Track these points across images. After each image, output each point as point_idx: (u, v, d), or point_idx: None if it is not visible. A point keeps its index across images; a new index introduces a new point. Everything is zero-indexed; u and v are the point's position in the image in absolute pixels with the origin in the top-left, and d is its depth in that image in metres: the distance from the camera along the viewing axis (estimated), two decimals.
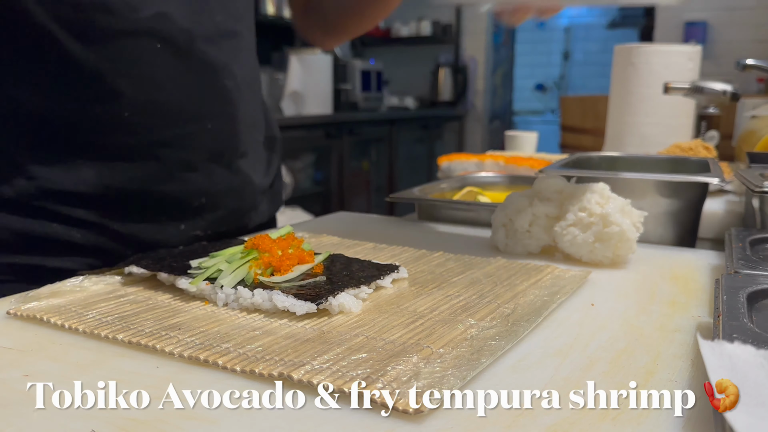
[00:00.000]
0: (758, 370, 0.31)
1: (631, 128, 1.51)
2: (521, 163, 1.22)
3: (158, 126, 0.65)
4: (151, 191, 0.66)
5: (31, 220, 0.62)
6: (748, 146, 1.26)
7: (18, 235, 0.62)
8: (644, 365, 0.38)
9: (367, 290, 0.49)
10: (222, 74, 0.69)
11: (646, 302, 0.50)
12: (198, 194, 0.70)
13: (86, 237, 0.64)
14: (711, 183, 0.70)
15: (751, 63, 1.25)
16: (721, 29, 3.63)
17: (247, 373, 0.36)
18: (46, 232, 0.63)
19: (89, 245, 0.65)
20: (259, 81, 0.81)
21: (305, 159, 3.50)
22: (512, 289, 0.51)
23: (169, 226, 0.69)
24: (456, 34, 4.65)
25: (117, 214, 0.65)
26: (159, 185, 0.67)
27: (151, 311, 0.46)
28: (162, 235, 0.68)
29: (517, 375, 0.37)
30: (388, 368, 0.35)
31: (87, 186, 0.63)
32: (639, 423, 0.31)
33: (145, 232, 0.67)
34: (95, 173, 0.63)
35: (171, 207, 0.69)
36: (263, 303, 0.46)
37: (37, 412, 0.32)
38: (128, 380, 0.36)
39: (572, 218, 0.61)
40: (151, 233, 0.67)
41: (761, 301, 0.44)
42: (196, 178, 0.69)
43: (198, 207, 0.70)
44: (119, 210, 0.65)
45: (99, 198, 0.64)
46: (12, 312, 0.46)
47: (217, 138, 0.71)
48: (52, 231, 0.63)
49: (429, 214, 0.86)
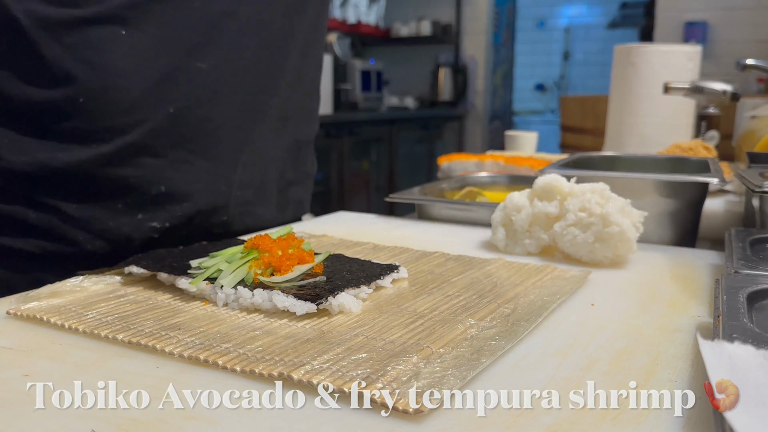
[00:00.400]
0: (758, 370, 0.31)
1: (631, 128, 1.51)
2: (521, 163, 1.22)
3: (114, 112, 0.64)
4: (105, 175, 0.65)
5: None
6: (748, 146, 1.25)
7: None
8: (644, 365, 0.38)
9: (367, 290, 0.49)
10: (195, 55, 0.67)
11: (646, 302, 0.50)
12: (156, 182, 0.67)
13: (40, 218, 0.65)
14: (711, 183, 0.70)
15: (751, 63, 1.25)
16: (721, 29, 3.63)
17: (247, 373, 0.36)
18: (3, 211, 0.64)
19: (43, 226, 0.65)
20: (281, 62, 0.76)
21: None
22: (512, 289, 0.51)
23: (124, 214, 0.67)
24: (456, 34, 4.65)
25: (70, 197, 0.65)
26: (113, 169, 0.65)
27: (151, 311, 0.46)
28: (114, 222, 0.66)
29: (517, 375, 0.37)
30: (388, 368, 0.35)
31: (42, 168, 0.63)
32: (639, 423, 0.31)
33: (98, 218, 0.66)
34: (49, 156, 0.63)
35: (126, 193, 0.67)
36: (263, 303, 0.46)
37: (37, 412, 0.32)
38: (128, 380, 0.36)
39: (572, 218, 0.61)
40: (103, 219, 0.66)
41: (761, 301, 0.44)
42: (155, 164, 0.67)
43: (157, 196, 0.68)
44: (73, 193, 0.65)
45: (52, 179, 0.64)
46: (12, 312, 0.46)
47: (183, 122, 0.68)
48: (9, 210, 0.64)
49: (429, 214, 0.86)
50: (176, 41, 0.66)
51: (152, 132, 0.66)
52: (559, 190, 0.64)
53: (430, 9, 4.71)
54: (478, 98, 4.72)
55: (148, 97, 0.66)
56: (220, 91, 0.70)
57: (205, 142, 0.70)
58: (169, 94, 0.67)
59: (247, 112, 0.74)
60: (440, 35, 4.61)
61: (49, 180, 0.64)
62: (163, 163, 0.67)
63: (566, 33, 5.82)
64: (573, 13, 5.80)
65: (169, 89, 0.67)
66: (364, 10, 4.54)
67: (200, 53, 0.68)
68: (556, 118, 4.99)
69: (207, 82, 0.69)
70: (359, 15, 4.48)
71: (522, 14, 5.59)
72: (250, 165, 0.76)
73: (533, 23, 5.83)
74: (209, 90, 0.69)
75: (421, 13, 4.69)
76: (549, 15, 5.83)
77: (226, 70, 0.70)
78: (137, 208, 0.67)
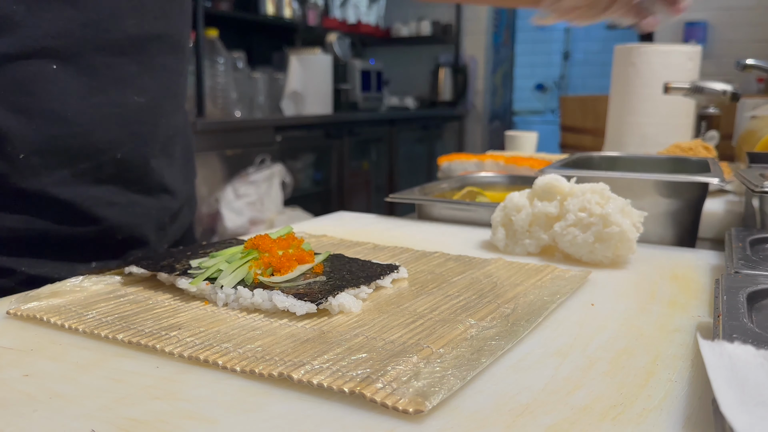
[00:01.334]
0: (758, 370, 0.31)
1: (631, 128, 1.51)
2: (521, 163, 1.22)
3: (58, 163, 0.59)
4: (60, 233, 0.61)
5: None
6: (748, 146, 1.25)
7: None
8: (644, 365, 0.38)
9: (367, 290, 0.49)
10: (131, 90, 0.63)
11: (646, 302, 0.50)
12: (118, 230, 0.64)
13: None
14: (711, 183, 0.70)
15: (751, 63, 1.25)
16: (721, 29, 3.63)
17: (247, 373, 0.36)
18: None
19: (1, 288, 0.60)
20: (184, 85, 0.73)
21: (305, 159, 3.50)
22: (512, 289, 0.51)
23: (81, 265, 0.64)
24: (456, 34, 4.65)
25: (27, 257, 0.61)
26: (68, 228, 0.61)
27: (151, 311, 0.46)
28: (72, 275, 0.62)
29: (517, 375, 0.37)
30: (388, 368, 0.35)
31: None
32: (639, 423, 0.31)
33: (56, 272, 0.62)
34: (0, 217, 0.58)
35: (84, 248, 0.63)
36: (263, 303, 0.46)
37: (37, 412, 0.32)
38: (128, 380, 0.36)
39: (572, 218, 0.61)
40: (63, 273, 0.62)
41: (761, 301, 0.44)
42: (111, 215, 0.64)
43: (119, 242, 0.65)
44: (28, 252, 0.61)
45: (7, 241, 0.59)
46: (12, 312, 0.46)
47: (130, 166, 0.64)
48: None
49: (429, 214, 0.86)
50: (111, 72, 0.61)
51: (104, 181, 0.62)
52: (559, 190, 0.64)
53: (430, 9, 4.71)
54: (478, 98, 4.72)
55: (94, 143, 0.61)
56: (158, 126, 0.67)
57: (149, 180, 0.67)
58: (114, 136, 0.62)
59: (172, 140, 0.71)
60: (440, 35, 4.61)
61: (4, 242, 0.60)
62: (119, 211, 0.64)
63: (566, 33, 5.82)
64: None
65: (112, 131, 0.62)
66: (364, 10, 4.54)
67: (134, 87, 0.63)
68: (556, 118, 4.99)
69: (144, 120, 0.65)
70: (359, 15, 4.48)
71: (522, 14, 5.59)
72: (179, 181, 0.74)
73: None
74: (146, 126, 0.65)
75: (421, 13, 4.69)
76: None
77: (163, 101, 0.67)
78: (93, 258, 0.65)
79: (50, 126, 0.58)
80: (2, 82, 0.55)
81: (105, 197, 0.63)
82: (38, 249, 0.61)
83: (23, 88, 0.56)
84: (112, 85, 0.61)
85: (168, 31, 0.66)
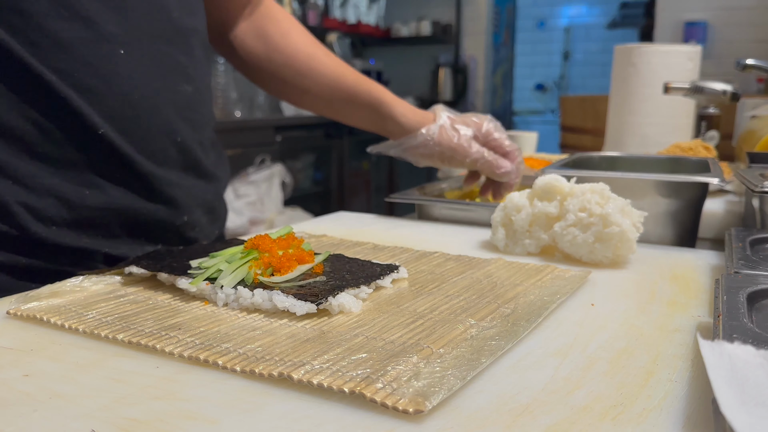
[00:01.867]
0: (758, 370, 0.31)
1: (631, 128, 1.51)
2: None
3: (131, 143, 0.62)
4: (135, 211, 0.63)
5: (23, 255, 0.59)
6: (748, 146, 1.25)
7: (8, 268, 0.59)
8: (644, 365, 0.38)
9: (367, 290, 0.49)
10: (182, 78, 0.66)
11: (646, 302, 0.50)
12: (181, 212, 0.67)
13: (76, 264, 0.61)
14: (711, 183, 0.70)
15: (751, 63, 1.25)
16: (721, 29, 3.63)
17: (247, 373, 0.36)
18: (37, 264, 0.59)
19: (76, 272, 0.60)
20: (210, 79, 0.77)
21: (305, 159, 3.50)
22: (512, 289, 0.51)
23: (149, 246, 0.66)
24: (456, 34, 4.65)
25: (103, 238, 0.62)
26: (142, 204, 0.64)
27: (151, 311, 0.46)
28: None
29: (517, 375, 0.37)
30: (388, 368, 0.35)
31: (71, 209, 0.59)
32: (639, 423, 0.31)
33: (133, 253, 0.64)
34: (76, 194, 0.60)
35: (153, 227, 0.66)
36: (263, 303, 0.46)
37: (37, 412, 0.32)
38: (128, 380, 0.36)
39: (572, 218, 0.61)
40: (138, 252, 0.64)
41: (761, 301, 0.44)
42: (178, 195, 0.67)
43: (180, 226, 0.68)
44: (104, 233, 0.62)
45: (85, 221, 0.61)
46: (12, 312, 0.46)
47: (187, 150, 0.68)
48: (38, 264, 0.59)
49: (429, 214, 0.86)
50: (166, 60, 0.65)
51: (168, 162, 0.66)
52: (559, 190, 0.64)
53: (430, 9, 4.71)
54: (478, 98, 4.72)
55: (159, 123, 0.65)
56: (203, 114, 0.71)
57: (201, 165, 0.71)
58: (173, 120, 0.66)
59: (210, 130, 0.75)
60: (440, 35, 4.61)
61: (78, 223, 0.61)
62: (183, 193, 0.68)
63: (566, 33, 5.82)
64: (573, 13, 5.81)
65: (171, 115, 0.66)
66: (364, 10, 4.54)
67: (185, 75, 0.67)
68: (556, 118, 4.99)
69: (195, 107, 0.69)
70: (359, 15, 4.48)
71: (522, 14, 5.60)
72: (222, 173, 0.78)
73: (533, 23, 5.84)
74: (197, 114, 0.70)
75: (421, 13, 4.69)
76: (549, 15, 5.84)
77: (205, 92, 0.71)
78: (159, 239, 0.67)
79: (119, 107, 0.61)
80: (74, 64, 0.58)
81: (172, 179, 0.67)
82: (114, 229, 0.64)
83: (94, 70, 0.59)
84: (168, 72, 0.65)
85: (199, 26, 0.71)
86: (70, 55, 0.57)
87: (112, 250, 0.63)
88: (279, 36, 0.85)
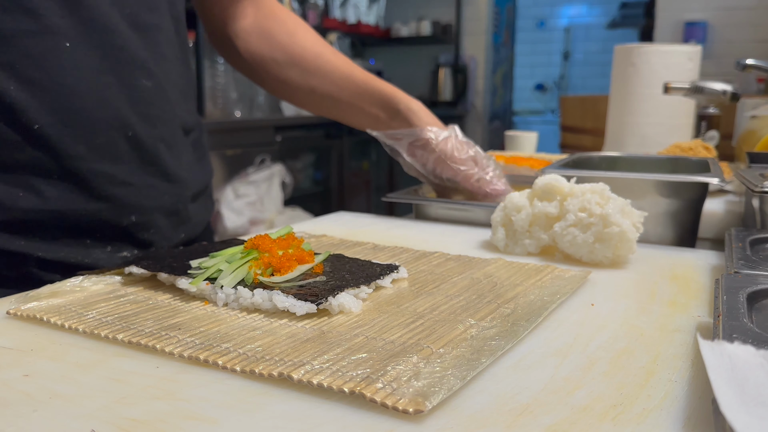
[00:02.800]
0: (758, 370, 0.31)
1: (631, 128, 1.51)
2: (521, 163, 1.22)
3: (74, 137, 0.60)
4: (74, 212, 0.61)
5: None
6: (748, 146, 1.26)
7: None
8: (644, 365, 0.38)
9: (367, 290, 0.49)
10: (139, 73, 0.65)
11: (646, 302, 0.50)
12: (128, 212, 0.65)
13: (10, 268, 0.60)
14: (711, 183, 0.70)
15: (751, 63, 1.25)
16: (721, 29, 3.63)
17: (247, 373, 0.36)
18: None
19: (13, 276, 0.60)
20: (192, 79, 0.76)
21: (305, 159, 3.50)
22: (512, 289, 0.51)
23: (95, 248, 0.64)
24: (456, 34, 4.65)
25: (40, 240, 0.61)
26: (81, 205, 0.62)
27: (151, 311, 0.46)
28: (90, 259, 0.64)
29: (517, 375, 0.37)
30: (388, 368, 0.35)
31: (3, 212, 0.58)
32: (639, 423, 0.31)
33: (72, 256, 0.62)
34: (8, 196, 0.58)
35: (97, 228, 0.64)
36: (263, 303, 0.46)
37: (37, 412, 0.32)
38: (128, 380, 0.36)
39: (572, 218, 0.61)
40: (78, 257, 0.63)
41: (761, 301, 0.44)
42: (125, 194, 0.64)
43: (128, 226, 0.66)
44: (42, 235, 0.61)
45: (18, 224, 0.59)
46: (12, 312, 0.46)
47: (142, 146, 0.66)
48: None
49: (426, 214, 0.86)
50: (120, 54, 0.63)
51: (115, 159, 0.64)
52: (559, 190, 0.64)
53: (430, 9, 4.71)
54: (478, 98, 4.72)
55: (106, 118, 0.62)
56: (165, 111, 0.69)
57: (160, 163, 0.68)
58: (124, 115, 0.64)
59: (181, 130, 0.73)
60: (440, 35, 4.61)
61: (14, 225, 0.59)
62: (130, 192, 0.65)
63: (566, 33, 5.82)
64: (573, 13, 5.81)
65: (122, 110, 0.64)
66: (364, 10, 4.54)
67: (143, 70, 0.65)
68: (556, 118, 4.99)
69: (154, 102, 0.67)
70: (359, 15, 4.48)
71: (522, 14, 5.60)
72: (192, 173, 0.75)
73: (533, 23, 5.84)
74: (155, 109, 0.67)
75: (421, 13, 4.69)
76: (549, 15, 5.84)
77: (169, 89, 0.69)
78: (106, 241, 0.65)
79: (63, 99, 0.59)
80: (15, 56, 0.57)
81: (119, 176, 0.64)
82: (52, 231, 0.62)
83: (36, 63, 0.57)
84: (122, 66, 0.63)
85: (162, 23, 0.69)
86: (11, 47, 0.56)
87: (47, 253, 0.61)
88: (284, 35, 0.84)
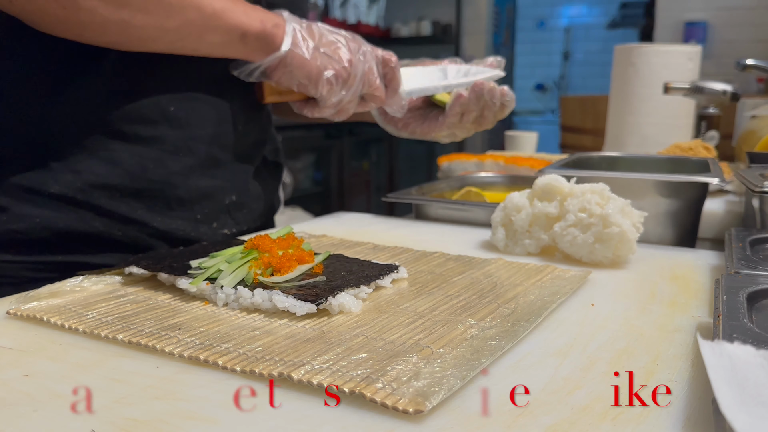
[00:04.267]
0: (758, 370, 0.31)
1: (631, 128, 1.51)
2: (521, 163, 1.22)
3: (197, 123, 0.68)
4: (187, 184, 0.68)
5: (74, 218, 0.63)
6: (748, 146, 1.26)
7: (59, 234, 0.63)
8: (644, 365, 0.38)
9: (367, 290, 0.49)
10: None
11: (646, 302, 0.50)
12: (227, 191, 0.72)
13: (126, 234, 0.65)
14: (711, 183, 0.70)
15: (751, 63, 1.25)
16: (721, 29, 3.63)
17: (247, 373, 0.36)
18: (87, 231, 0.63)
19: (127, 242, 0.66)
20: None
21: (305, 159, 3.50)
22: (512, 289, 0.51)
23: (202, 224, 0.70)
24: (456, 34, 4.65)
25: (157, 209, 0.66)
26: (193, 179, 0.68)
27: (151, 311, 0.46)
28: (195, 233, 0.69)
29: (517, 375, 0.37)
30: (388, 368, 0.35)
31: (131, 179, 0.64)
32: (639, 423, 0.31)
33: (181, 229, 0.68)
34: (139, 167, 0.64)
35: (204, 204, 0.70)
36: (263, 303, 0.46)
37: (37, 412, 0.32)
38: (128, 380, 0.36)
39: (572, 218, 0.61)
40: (186, 230, 0.68)
41: (761, 301, 0.44)
42: (224, 175, 0.71)
43: (228, 205, 0.72)
44: (159, 205, 0.67)
45: (141, 192, 0.65)
46: (12, 312, 0.46)
47: (247, 141, 0.74)
48: (94, 229, 0.64)
49: (426, 214, 0.86)
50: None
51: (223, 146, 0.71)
52: (559, 190, 0.64)
53: (430, 9, 4.71)
54: None
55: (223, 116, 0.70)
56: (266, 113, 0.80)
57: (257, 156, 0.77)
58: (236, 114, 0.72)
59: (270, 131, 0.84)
60: (440, 35, 4.61)
61: (137, 193, 0.65)
62: (229, 174, 0.72)
63: (566, 33, 5.82)
64: (573, 13, 5.80)
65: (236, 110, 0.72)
66: (364, 10, 4.54)
67: None
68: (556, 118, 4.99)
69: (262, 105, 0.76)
70: (359, 15, 4.48)
71: (522, 14, 5.60)
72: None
73: (533, 23, 5.83)
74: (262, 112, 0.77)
75: (421, 13, 4.69)
76: (549, 15, 5.84)
77: None
78: (213, 217, 0.71)
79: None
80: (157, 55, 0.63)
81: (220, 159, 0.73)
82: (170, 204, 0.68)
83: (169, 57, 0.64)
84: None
85: None
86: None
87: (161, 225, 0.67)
88: None
